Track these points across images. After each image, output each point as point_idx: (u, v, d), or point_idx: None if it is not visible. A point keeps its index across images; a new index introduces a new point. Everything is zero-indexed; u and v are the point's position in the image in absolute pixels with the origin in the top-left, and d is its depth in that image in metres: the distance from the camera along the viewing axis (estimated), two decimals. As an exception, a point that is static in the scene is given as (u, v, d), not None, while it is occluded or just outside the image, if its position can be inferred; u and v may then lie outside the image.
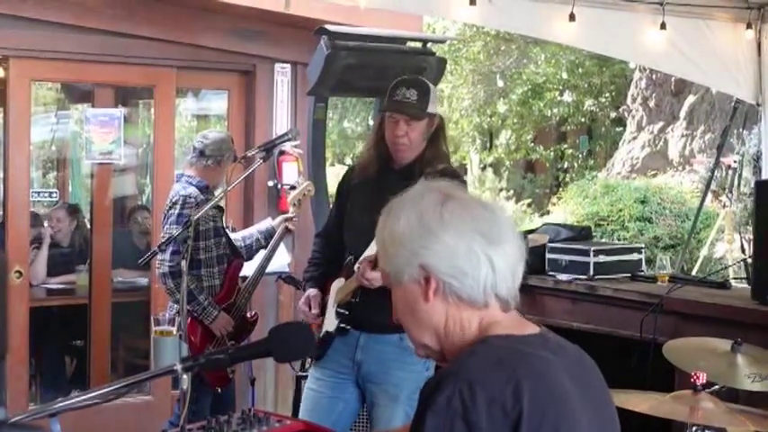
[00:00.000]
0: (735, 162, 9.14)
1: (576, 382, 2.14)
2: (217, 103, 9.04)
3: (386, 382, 4.38)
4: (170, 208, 5.67)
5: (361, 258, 4.30)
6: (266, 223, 6.19)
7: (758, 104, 6.54)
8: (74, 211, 8.64)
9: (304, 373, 5.21)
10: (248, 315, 5.96)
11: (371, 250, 4.29)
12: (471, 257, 2.14)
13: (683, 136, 14.75)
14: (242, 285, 5.90)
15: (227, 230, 6.03)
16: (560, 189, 15.31)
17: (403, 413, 4.34)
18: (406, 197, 2.24)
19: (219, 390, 5.68)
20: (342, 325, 4.45)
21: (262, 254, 6.01)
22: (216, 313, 5.62)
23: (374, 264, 4.20)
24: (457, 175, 4.61)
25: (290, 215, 5.91)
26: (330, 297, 4.54)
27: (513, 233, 2.19)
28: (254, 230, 6.20)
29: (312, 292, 4.59)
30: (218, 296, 5.74)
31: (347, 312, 4.44)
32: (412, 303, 2.21)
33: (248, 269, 5.98)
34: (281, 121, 7.44)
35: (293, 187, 5.82)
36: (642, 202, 11.44)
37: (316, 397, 4.52)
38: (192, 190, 5.67)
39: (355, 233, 4.49)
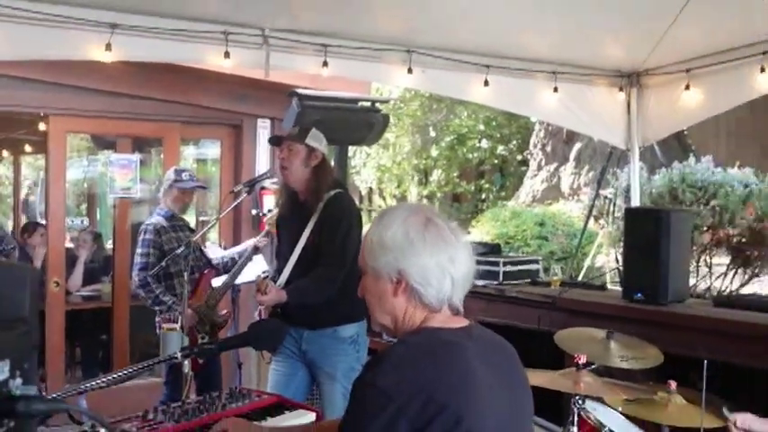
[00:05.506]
0: (610, 194, 9.23)
1: (487, 364, 2.13)
2: (212, 150, 8.99)
3: (326, 365, 4.42)
4: (139, 234, 5.62)
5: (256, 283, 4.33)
6: (243, 245, 5.96)
7: (627, 149, 6.62)
8: (97, 236, 8.56)
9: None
10: (220, 314, 5.64)
11: (285, 274, 4.39)
12: (438, 272, 2.14)
13: (572, 173, 14.90)
14: (213, 290, 5.57)
15: (200, 247, 5.76)
16: (479, 215, 15.33)
17: (341, 387, 4.37)
18: (398, 212, 2.23)
19: (193, 374, 5.36)
20: None
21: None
22: (180, 310, 5.35)
23: (259, 288, 4.24)
24: (343, 202, 4.47)
25: (261, 236, 5.53)
26: None
27: (469, 255, 2.20)
28: (234, 251, 6.03)
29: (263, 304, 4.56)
30: (189, 299, 5.39)
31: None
32: (381, 293, 2.20)
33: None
34: (263, 163, 7.43)
35: (271, 210, 5.73)
36: (541, 225, 11.45)
37: (277, 374, 4.54)
38: (156, 219, 5.65)
39: (282, 260, 4.54)
